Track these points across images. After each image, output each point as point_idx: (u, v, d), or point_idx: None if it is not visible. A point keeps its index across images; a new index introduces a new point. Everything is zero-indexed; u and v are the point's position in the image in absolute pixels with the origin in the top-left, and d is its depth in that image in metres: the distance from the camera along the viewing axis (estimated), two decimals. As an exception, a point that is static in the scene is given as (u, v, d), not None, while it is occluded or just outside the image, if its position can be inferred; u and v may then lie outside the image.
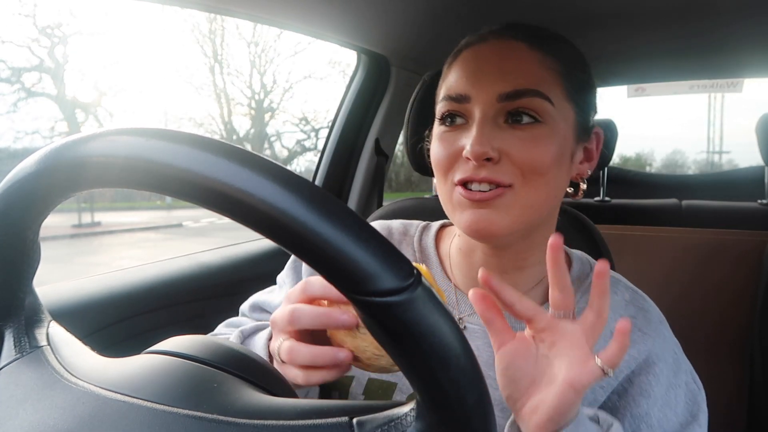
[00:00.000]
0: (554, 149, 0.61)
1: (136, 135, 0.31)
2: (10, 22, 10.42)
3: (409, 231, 0.79)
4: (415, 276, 0.29)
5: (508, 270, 0.68)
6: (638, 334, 0.64)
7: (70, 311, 0.95)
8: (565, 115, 0.63)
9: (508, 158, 0.60)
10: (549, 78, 0.62)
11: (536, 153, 0.60)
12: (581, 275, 0.71)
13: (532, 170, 0.60)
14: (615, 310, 0.66)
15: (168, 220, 12.61)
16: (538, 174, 0.61)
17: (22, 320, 0.43)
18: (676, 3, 1.05)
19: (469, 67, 0.64)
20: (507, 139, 0.60)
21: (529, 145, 0.60)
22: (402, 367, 0.31)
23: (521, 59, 0.62)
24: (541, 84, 0.61)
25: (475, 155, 0.59)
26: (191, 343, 0.41)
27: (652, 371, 0.63)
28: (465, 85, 0.63)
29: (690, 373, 0.67)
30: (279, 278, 0.82)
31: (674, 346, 0.66)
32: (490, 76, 0.62)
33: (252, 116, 16.33)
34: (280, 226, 0.28)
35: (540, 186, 0.61)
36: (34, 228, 0.39)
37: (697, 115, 37.79)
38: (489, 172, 0.60)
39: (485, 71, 0.62)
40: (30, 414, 0.36)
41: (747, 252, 1.53)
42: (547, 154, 0.60)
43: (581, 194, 0.71)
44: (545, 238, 0.68)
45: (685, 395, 0.64)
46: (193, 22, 14.90)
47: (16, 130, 11.71)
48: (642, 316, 0.66)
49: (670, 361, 0.64)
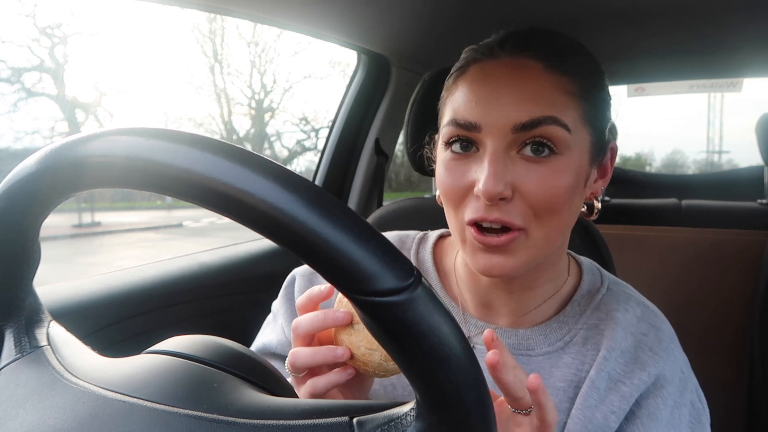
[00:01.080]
0: (569, 182, 0.57)
1: (136, 135, 0.31)
2: (10, 22, 10.42)
3: (405, 243, 0.76)
4: (415, 276, 0.29)
5: (516, 291, 0.66)
6: (648, 354, 0.63)
7: (70, 311, 0.95)
8: (581, 141, 0.59)
9: (521, 196, 0.56)
10: (566, 102, 0.57)
11: (551, 189, 0.56)
12: (592, 289, 0.69)
13: (547, 209, 0.57)
14: (627, 328, 0.64)
15: (168, 220, 12.62)
16: (552, 212, 0.57)
17: (23, 320, 0.43)
18: (676, 3, 1.05)
19: (479, 91, 0.58)
20: (520, 173, 0.56)
21: (544, 181, 0.56)
22: (402, 366, 0.31)
23: (537, 82, 0.57)
24: (559, 110, 0.56)
25: (488, 195, 0.54)
26: (191, 343, 0.41)
27: (661, 394, 0.61)
28: (475, 112, 0.57)
29: (695, 392, 0.65)
30: (273, 306, 0.79)
31: (682, 365, 0.65)
32: (504, 104, 0.56)
33: (252, 116, 16.34)
34: (280, 226, 0.28)
35: (553, 224, 0.58)
36: (34, 228, 0.39)
37: (696, 115, 37.80)
38: (501, 213, 0.56)
39: (498, 97, 0.57)
40: (30, 414, 0.36)
41: (747, 252, 1.53)
42: (562, 190, 0.56)
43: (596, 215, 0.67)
44: (558, 258, 0.67)
45: (690, 414, 0.63)
46: (193, 22, 14.93)
47: (16, 130, 11.72)
48: (654, 334, 0.64)
49: (677, 381, 0.63)
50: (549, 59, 0.58)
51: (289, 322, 0.73)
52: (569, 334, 0.65)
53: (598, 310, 0.66)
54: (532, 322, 0.67)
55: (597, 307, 0.66)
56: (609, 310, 0.65)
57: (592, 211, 0.66)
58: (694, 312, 1.55)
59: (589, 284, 0.69)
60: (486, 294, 0.68)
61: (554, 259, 0.66)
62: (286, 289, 0.76)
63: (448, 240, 0.76)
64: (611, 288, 0.68)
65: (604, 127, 0.63)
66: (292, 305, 0.74)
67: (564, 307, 0.67)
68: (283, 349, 0.72)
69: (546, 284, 0.67)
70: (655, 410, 0.61)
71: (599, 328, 0.65)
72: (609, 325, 0.64)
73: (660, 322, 0.66)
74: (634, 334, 0.64)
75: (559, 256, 0.67)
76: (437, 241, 0.76)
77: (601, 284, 0.69)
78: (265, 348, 0.74)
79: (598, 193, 0.66)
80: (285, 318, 0.74)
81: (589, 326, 0.65)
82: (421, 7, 1.10)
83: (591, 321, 0.66)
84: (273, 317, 0.77)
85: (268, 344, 0.73)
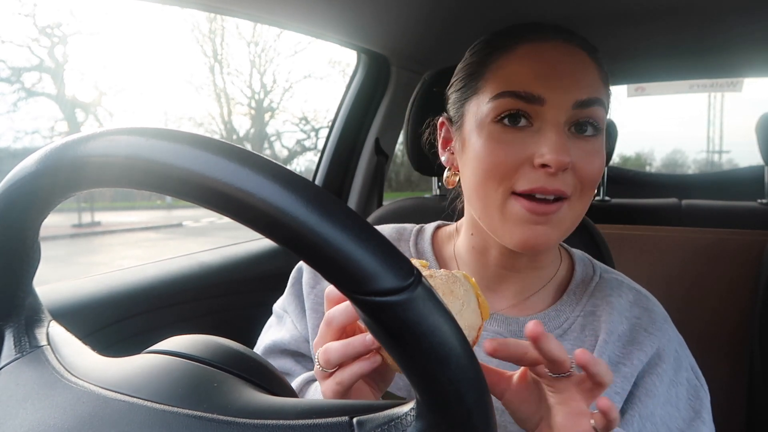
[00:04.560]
0: (603, 160, 0.62)
1: (136, 135, 0.31)
2: (10, 22, 10.42)
3: (403, 235, 0.77)
4: (415, 275, 0.29)
5: (521, 269, 0.68)
6: (644, 335, 0.65)
7: (70, 311, 0.95)
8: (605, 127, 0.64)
9: (574, 169, 0.60)
10: (603, 90, 0.63)
11: (596, 165, 0.61)
12: (585, 277, 0.71)
13: (590, 182, 0.61)
14: (621, 312, 0.66)
15: (168, 219, 12.62)
16: (591, 186, 0.62)
17: (22, 320, 0.43)
18: (677, 3, 1.05)
19: (539, 66, 0.60)
20: (573, 149, 0.59)
21: (592, 157, 0.61)
22: (402, 366, 0.31)
23: (588, 67, 0.62)
24: (602, 95, 0.62)
25: (558, 164, 0.57)
26: (191, 343, 0.41)
27: (656, 371, 0.63)
28: (538, 85, 0.59)
29: (692, 369, 0.67)
30: (277, 307, 0.78)
31: (676, 344, 0.67)
32: (565, 81, 0.60)
33: (252, 116, 16.34)
34: (280, 226, 0.28)
35: (587, 198, 0.63)
36: (34, 228, 0.39)
37: (697, 115, 37.80)
38: (559, 183, 0.59)
39: (560, 75, 0.60)
40: (30, 414, 0.36)
41: (747, 251, 1.53)
42: (600, 168, 0.62)
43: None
44: None
45: (687, 391, 0.65)
46: (193, 22, 14.93)
47: (16, 130, 11.72)
48: (647, 317, 0.67)
49: (671, 359, 0.65)
50: (591, 51, 0.64)
51: (300, 318, 0.73)
52: (567, 322, 0.67)
53: (594, 297, 0.69)
54: (531, 310, 0.69)
55: (592, 294, 0.69)
56: (604, 296, 0.68)
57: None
58: (694, 311, 1.54)
59: (582, 274, 0.71)
60: (492, 275, 0.69)
61: None
62: (294, 287, 0.76)
63: (446, 230, 0.77)
64: (603, 276, 0.71)
65: None
66: (301, 301, 0.74)
67: (560, 297, 0.69)
68: (297, 345, 0.72)
69: (547, 266, 0.70)
70: (651, 387, 0.63)
71: (596, 315, 0.67)
72: (605, 310, 0.66)
73: (652, 304, 0.69)
74: (628, 318, 0.66)
75: None
76: (435, 231, 0.77)
77: (594, 272, 0.71)
78: (277, 345, 0.74)
79: None
80: (296, 314, 0.74)
81: (586, 313, 0.68)
82: (421, 7, 1.10)
83: (587, 308, 0.68)
84: (278, 317, 0.77)
85: (280, 341, 0.73)
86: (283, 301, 0.77)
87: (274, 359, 0.74)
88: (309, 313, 0.72)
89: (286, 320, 0.75)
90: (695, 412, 0.64)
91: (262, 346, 0.76)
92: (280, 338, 0.74)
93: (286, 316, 0.76)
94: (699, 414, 0.64)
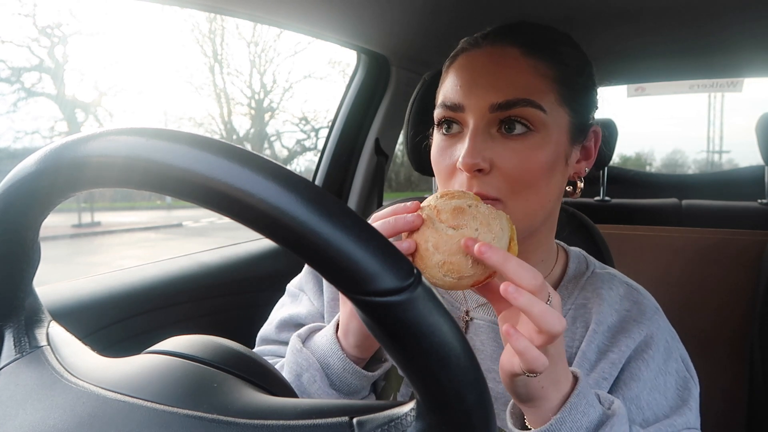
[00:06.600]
0: (545, 158, 0.62)
1: (136, 135, 0.31)
2: (10, 22, 10.43)
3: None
4: (415, 275, 0.29)
5: None
6: (633, 324, 0.66)
7: (70, 311, 0.95)
8: (558, 121, 0.63)
9: (498, 170, 0.61)
10: (541, 86, 0.62)
11: (526, 164, 0.61)
12: (577, 273, 0.72)
13: (521, 183, 0.61)
14: (611, 304, 0.68)
15: (168, 220, 12.62)
16: (527, 186, 0.62)
17: (22, 320, 0.43)
18: (676, 3, 1.05)
19: (462, 76, 0.65)
20: (498, 149, 0.61)
21: (521, 156, 0.61)
22: (402, 366, 0.31)
23: (514, 67, 0.63)
24: (534, 92, 0.61)
25: (466, 167, 0.60)
26: (191, 343, 0.41)
27: (642, 357, 0.65)
28: (459, 94, 0.64)
29: (682, 360, 0.68)
30: (292, 287, 0.81)
31: (668, 335, 0.68)
32: (482, 86, 0.62)
33: (252, 116, 16.34)
34: (280, 226, 0.28)
35: (530, 196, 0.63)
36: (34, 228, 0.39)
37: (696, 115, 37.81)
38: (479, 184, 0.61)
39: (478, 81, 0.63)
40: (30, 414, 0.36)
41: (747, 251, 1.53)
42: (537, 165, 0.61)
43: (579, 193, 0.73)
44: (547, 238, 0.71)
45: (676, 381, 0.66)
46: (193, 22, 14.93)
47: (16, 130, 11.72)
48: (636, 308, 0.68)
49: (661, 348, 0.66)
50: (527, 46, 0.64)
51: (317, 296, 0.77)
52: None
53: (585, 290, 0.70)
54: None
55: (583, 288, 0.70)
56: (595, 288, 0.69)
57: (575, 189, 0.72)
58: (694, 311, 1.54)
59: (575, 269, 0.73)
60: None
61: (542, 238, 0.70)
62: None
63: None
64: (596, 271, 0.72)
65: (587, 110, 0.67)
66: (319, 279, 0.78)
67: None
68: (313, 319, 0.76)
69: (538, 264, 0.70)
70: (636, 371, 0.64)
71: (587, 307, 0.68)
72: (596, 302, 0.68)
73: (642, 298, 0.70)
74: (618, 311, 0.68)
75: (547, 235, 0.71)
76: None
77: (587, 268, 0.73)
78: (293, 319, 0.77)
79: (582, 173, 0.70)
80: (313, 292, 0.77)
81: (578, 306, 0.69)
82: (421, 7, 1.10)
83: (579, 301, 0.70)
84: (292, 296, 0.80)
85: (297, 315, 0.76)
86: (300, 280, 0.81)
87: (288, 332, 0.77)
88: (326, 289, 0.76)
89: (302, 298, 0.78)
90: (683, 401, 0.65)
91: (277, 319, 0.78)
92: (297, 312, 0.77)
93: (302, 294, 0.79)
94: (686, 402, 0.65)
